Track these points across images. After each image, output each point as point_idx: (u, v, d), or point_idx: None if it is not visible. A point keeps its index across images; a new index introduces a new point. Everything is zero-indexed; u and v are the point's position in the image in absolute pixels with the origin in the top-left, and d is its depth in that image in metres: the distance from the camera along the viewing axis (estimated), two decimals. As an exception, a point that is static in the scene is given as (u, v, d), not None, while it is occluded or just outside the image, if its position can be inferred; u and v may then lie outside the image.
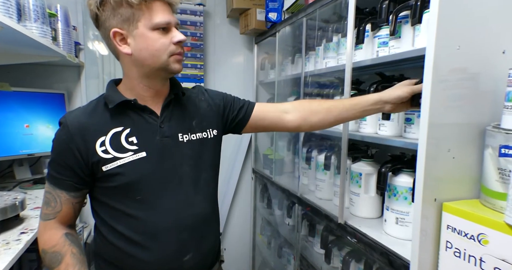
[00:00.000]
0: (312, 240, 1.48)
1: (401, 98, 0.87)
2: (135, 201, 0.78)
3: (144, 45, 0.76)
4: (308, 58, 1.49)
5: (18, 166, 1.62)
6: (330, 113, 0.93)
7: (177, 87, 0.88)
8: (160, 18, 0.75)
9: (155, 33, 0.76)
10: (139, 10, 0.74)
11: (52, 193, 0.79)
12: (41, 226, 0.80)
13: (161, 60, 0.77)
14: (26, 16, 1.15)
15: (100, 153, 0.76)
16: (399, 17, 0.95)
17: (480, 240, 0.66)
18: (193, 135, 0.86)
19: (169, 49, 0.77)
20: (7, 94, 1.51)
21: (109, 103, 0.79)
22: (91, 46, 2.03)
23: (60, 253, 0.76)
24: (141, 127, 0.81)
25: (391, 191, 0.97)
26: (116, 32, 0.76)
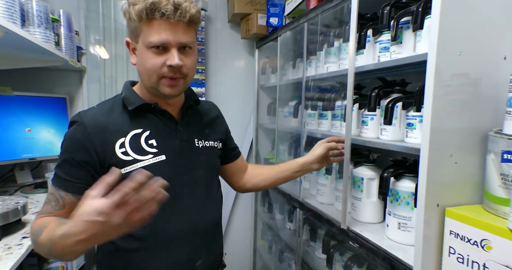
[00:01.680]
0: (314, 245, 1.47)
1: (321, 155, 1.05)
2: None
3: (140, 60, 0.76)
4: (309, 63, 1.49)
5: (19, 170, 1.62)
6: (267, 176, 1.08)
7: (192, 95, 0.90)
8: (154, 37, 0.71)
9: (149, 52, 0.73)
10: (140, 26, 0.73)
11: (55, 194, 0.74)
12: (34, 221, 0.73)
13: (152, 80, 0.75)
14: (29, 21, 1.16)
15: (119, 154, 0.74)
16: (401, 23, 0.95)
17: (484, 246, 0.66)
18: (207, 142, 0.89)
19: (160, 71, 0.73)
20: (9, 99, 1.51)
21: (128, 105, 0.78)
22: (93, 50, 2.04)
23: (44, 224, 0.66)
24: (160, 130, 0.80)
25: (393, 196, 0.97)
26: (128, 42, 0.79)
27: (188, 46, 0.76)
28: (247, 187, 1.10)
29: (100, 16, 2.06)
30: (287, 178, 1.09)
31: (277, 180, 1.09)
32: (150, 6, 0.70)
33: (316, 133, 1.40)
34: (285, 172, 1.07)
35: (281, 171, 1.08)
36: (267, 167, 1.13)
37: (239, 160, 1.08)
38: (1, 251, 0.88)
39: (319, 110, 1.41)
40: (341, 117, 1.23)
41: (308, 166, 1.06)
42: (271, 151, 2.15)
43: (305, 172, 1.09)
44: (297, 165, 1.06)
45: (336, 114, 1.29)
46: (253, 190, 1.13)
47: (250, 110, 2.24)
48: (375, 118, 1.08)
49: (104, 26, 2.08)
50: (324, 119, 1.38)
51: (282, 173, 1.08)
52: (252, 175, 1.10)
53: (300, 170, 1.07)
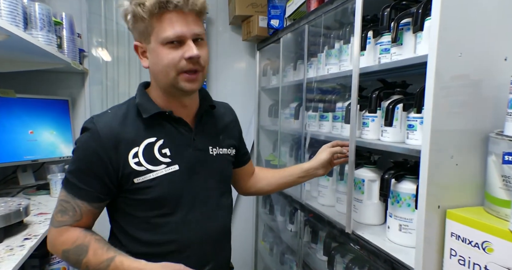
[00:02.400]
0: (315, 247, 1.47)
1: (326, 161, 1.03)
2: (163, 215, 0.77)
3: (155, 60, 0.73)
4: (311, 64, 1.50)
5: (22, 172, 1.63)
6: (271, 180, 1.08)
7: (207, 99, 0.87)
8: (169, 32, 0.69)
9: (165, 48, 0.71)
10: (151, 24, 0.71)
11: (71, 202, 0.73)
12: (54, 232, 0.75)
13: (170, 77, 0.72)
14: (32, 24, 1.17)
15: (133, 164, 0.73)
16: (401, 25, 0.96)
17: (485, 248, 0.66)
18: (221, 149, 0.87)
19: (178, 65, 0.71)
20: (12, 101, 1.52)
21: (143, 112, 0.76)
22: (95, 53, 2.05)
23: (83, 243, 0.72)
24: (174, 138, 0.78)
25: (394, 197, 0.97)
26: (137, 46, 0.77)
27: (200, 38, 0.74)
28: (251, 191, 1.09)
29: (102, 19, 2.07)
30: (291, 183, 1.08)
31: (281, 184, 1.08)
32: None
33: (317, 135, 1.40)
34: (289, 177, 1.06)
35: (285, 176, 1.06)
36: (272, 171, 1.11)
37: (248, 165, 1.06)
38: (3, 253, 0.89)
39: (320, 112, 1.41)
40: (342, 119, 1.23)
41: (312, 172, 1.05)
42: (272, 152, 2.15)
43: (309, 177, 1.07)
44: (301, 170, 1.05)
45: (337, 116, 1.29)
46: (257, 194, 1.13)
47: (251, 112, 2.24)
48: (376, 120, 1.08)
49: (106, 28, 2.09)
50: (325, 121, 1.38)
51: (286, 178, 1.06)
52: (257, 179, 1.08)
53: (304, 175, 1.05)
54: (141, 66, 2.19)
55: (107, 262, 0.69)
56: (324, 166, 1.04)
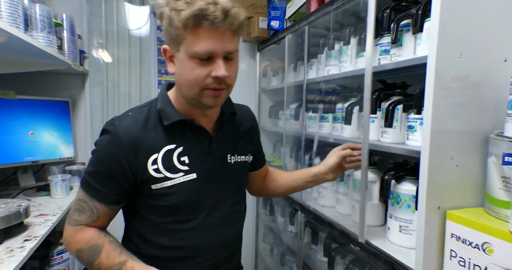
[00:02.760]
0: (315, 248, 1.47)
1: (335, 165, 0.99)
2: (179, 221, 0.77)
3: (180, 71, 0.71)
4: (311, 65, 1.50)
5: (22, 173, 1.63)
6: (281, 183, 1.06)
7: (229, 107, 0.85)
8: (199, 47, 0.66)
9: (193, 62, 0.67)
10: (183, 34, 0.66)
11: (89, 203, 0.74)
12: (70, 231, 0.76)
13: (194, 91, 0.70)
14: (33, 26, 1.17)
15: (151, 171, 0.73)
16: (401, 26, 0.96)
17: (485, 249, 0.65)
18: (239, 157, 0.87)
19: (203, 82, 0.69)
20: (13, 102, 1.53)
21: (164, 119, 0.75)
22: (96, 54, 2.06)
23: (97, 244, 0.72)
24: (193, 146, 0.78)
25: (394, 198, 0.97)
26: (166, 50, 0.73)
27: (233, 56, 0.71)
28: (262, 193, 1.09)
29: (103, 20, 2.08)
30: (299, 187, 1.05)
31: (290, 188, 1.05)
32: (198, 13, 0.63)
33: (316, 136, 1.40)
34: (297, 181, 1.03)
35: (294, 179, 1.04)
36: (283, 174, 1.09)
37: (263, 168, 1.05)
38: (3, 254, 0.89)
39: (320, 113, 1.41)
40: (342, 120, 1.23)
41: (321, 176, 1.00)
42: (272, 153, 2.15)
43: (318, 182, 1.03)
44: (310, 174, 1.01)
45: (337, 117, 1.29)
46: (267, 196, 1.14)
47: (252, 113, 2.24)
48: (376, 121, 1.08)
49: (107, 29, 2.10)
50: (325, 122, 1.38)
51: (295, 181, 1.03)
52: (268, 181, 1.07)
53: (313, 180, 1.01)
54: (141, 67, 2.21)
55: (118, 265, 0.70)
56: (333, 171, 0.99)
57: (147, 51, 2.21)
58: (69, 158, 1.80)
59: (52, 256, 1.43)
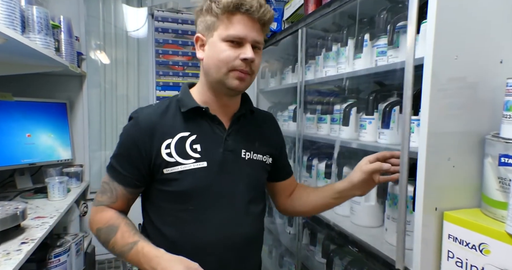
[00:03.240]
0: (314, 249, 1.46)
1: (361, 182, 0.84)
2: (187, 211, 0.79)
3: (211, 53, 0.77)
4: (309, 67, 1.50)
5: (19, 175, 1.63)
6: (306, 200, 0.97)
7: (247, 103, 0.89)
8: (233, 31, 0.74)
9: (224, 44, 0.75)
10: (220, 20, 0.75)
11: (110, 184, 0.80)
12: (93, 210, 0.82)
13: (221, 72, 0.76)
14: (30, 28, 1.17)
15: (164, 155, 0.77)
16: (397, 27, 0.96)
17: (482, 250, 0.66)
18: (255, 155, 0.86)
19: (232, 63, 0.75)
20: (10, 104, 1.52)
21: (181, 107, 0.81)
22: (93, 55, 2.05)
23: (114, 225, 0.77)
24: (207, 136, 0.81)
25: (392, 199, 0.97)
26: (198, 38, 0.81)
27: (258, 47, 0.78)
28: (288, 211, 1.02)
29: (101, 22, 2.08)
30: (326, 205, 0.94)
31: (317, 206, 0.95)
32: (239, 1, 0.73)
33: (315, 138, 1.40)
34: (323, 199, 0.93)
35: (319, 197, 0.94)
36: (308, 190, 0.99)
37: (288, 181, 1.00)
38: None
39: (318, 114, 1.41)
40: (340, 121, 1.24)
41: (347, 193, 0.89)
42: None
43: (346, 198, 0.92)
44: (334, 191, 0.90)
45: (335, 118, 1.29)
46: (293, 215, 1.06)
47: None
48: (373, 122, 1.08)
49: (105, 31, 2.10)
50: (323, 123, 1.38)
51: (320, 199, 0.93)
52: (293, 198, 1.00)
53: (339, 196, 0.90)
54: (139, 68, 2.21)
55: (130, 245, 0.73)
56: (360, 187, 0.86)
57: (145, 53, 2.21)
58: (66, 160, 1.79)
59: (49, 258, 1.42)
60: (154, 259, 0.70)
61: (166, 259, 0.69)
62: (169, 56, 2.14)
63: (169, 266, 0.67)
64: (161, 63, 2.12)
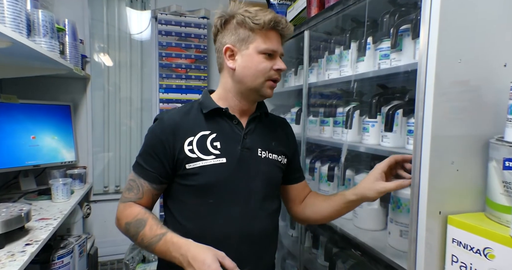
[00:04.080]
0: (316, 252, 1.46)
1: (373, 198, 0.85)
2: (207, 204, 0.84)
3: (249, 64, 0.85)
4: (311, 70, 1.50)
5: (23, 177, 1.64)
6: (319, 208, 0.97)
7: (263, 107, 0.97)
8: (269, 45, 0.84)
9: (260, 56, 0.84)
10: (256, 34, 0.84)
11: (136, 181, 0.86)
12: (120, 206, 0.86)
13: (258, 81, 0.85)
14: (35, 31, 1.18)
15: (187, 151, 0.83)
16: (400, 31, 0.96)
17: (486, 254, 0.65)
18: (270, 154, 0.92)
19: (268, 73, 0.85)
20: (15, 107, 1.54)
21: (203, 108, 0.88)
22: (97, 58, 2.07)
23: (143, 218, 0.82)
24: (226, 134, 0.87)
25: (395, 203, 0.97)
26: (228, 48, 0.86)
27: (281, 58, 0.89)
28: (300, 218, 1.02)
29: (105, 25, 2.09)
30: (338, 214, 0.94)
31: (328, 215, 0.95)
32: (275, 19, 0.84)
33: (319, 140, 1.40)
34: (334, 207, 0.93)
35: (331, 206, 0.93)
36: (320, 198, 0.99)
37: (301, 186, 1.02)
38: (4, 258, 0.89)
39: (320, 117, 1.41)
40: (343, 124, 1.24)
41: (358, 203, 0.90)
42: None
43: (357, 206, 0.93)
44: (345, 201, 0.90)
45: (337, 121, 1.29)
46: (305, 222, 1.09)
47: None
48: (376, 125, 1.08)
49: (108, 34, 2.11)
50: (326, 126, 1.38)
51: (332, 208, 0.93)
52: (305, 206, 1.00)
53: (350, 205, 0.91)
54: (142, 71, 2.22)
55: (159, 236, 0.78)
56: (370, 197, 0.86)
57: (148, 55, 2.23)
58: (70, 162, 1.80)
59: (52, 260, 1.42)
60: (183, 246, 0.74)
61: (195, 246, 0.74)
62: (172, 59, 2.15)
63: (198, 253, 0.72)
64: (164, 66, 2.14)
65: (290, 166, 1.00)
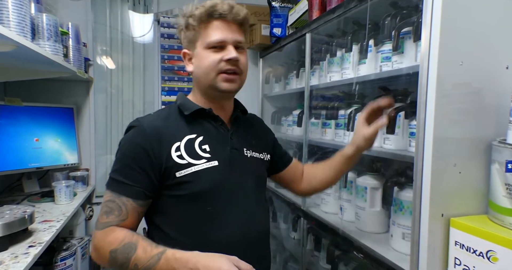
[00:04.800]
0: (318, 255, 1.46)
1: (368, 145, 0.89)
2: (205, 212, 0.77)
3: (199, 63, 0.80)
4: (313, 72, 1.51)
5: (27, 179, 1.64)
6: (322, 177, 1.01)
7: (239, 106, 0.93)
8: (213, 37, 0.78)
9: (208, 52, 0.79)
10: (198, 32, 0.80)
11: (116, 201, 0.74)
12: (99, 234, 0.74)
13: (210, 77, 0.79)
14: (39, 34, 1.19)
15: (175, 157, 0.77)
16: (402, 33, 0.97)
17: (489, 257, 0.65)
18: (254, 153, 0.90)
19: (218, 66, 0.78)
20: (19, 109, 1.55)
21: (184, 110, 0.82)
22: (100, 61, 2.08)
23: (131, 242, 0.71)
24: (213, 136, 0.83)
25: (397, 205, 0.97)
26: (185, 53, 0.85)
27: (242, 47, 0.81)
28: (307, 192, 1.07)
29: (107, 28, 2.11)
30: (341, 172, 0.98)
31: (333, 177, 0.99)
32: (210, 9, 0.77)
33: (320, 143, 1.40)
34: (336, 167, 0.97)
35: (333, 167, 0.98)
36: (320, 167, 1.03)
37: (293, 166, 1.03)
38: (8, 260, 0.89)
39: (322, 119, 1.41)
40: (345, 126, 1.24)
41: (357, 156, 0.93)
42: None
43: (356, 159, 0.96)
44: (345, 158, 0.94)
45: (339, 123, 1.29)
46: (314, 193, 1.11)
47: (254, 119, 2.25)
48: (378, 127, 1.08)
49: (111, 37, 2.13)
50: (328, 128, 1.38)
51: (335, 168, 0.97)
52: (308, 180, 1.04)
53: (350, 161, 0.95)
54: (144, 73, 2.23)
55: (158, 255, 0.69)
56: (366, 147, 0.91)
57: (150, 58, 2.24)
58: (73, 164, 1.81)
59: (55, 262, 1.43)
60: (191, 260, 0.66)
61: (204, 257, 0.67)
62: (175, 61, 2.16)
63: (210, 262, 0.65)
64: (167, 69, 2.15)
65: (275, 156, 0.99)
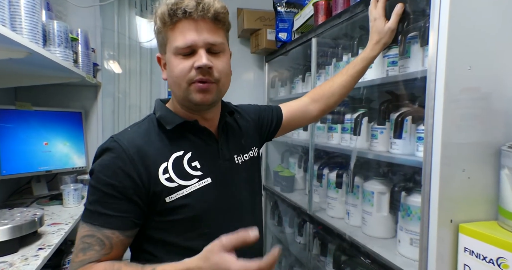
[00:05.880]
0: (324, 260, 1.45)
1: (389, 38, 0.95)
2: (202, 234, 0.68)
3: (169, 71, 0.70)
4: (319, 76, 1.51)
5: (36, 182, 1.67)
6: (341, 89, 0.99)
7: (226, 108, 0.82)
8: (179, 41, 0.65)
9: (176, 58, 0.67)
10: (166, 34, 0.68)
11: (97, 235, 0.63)
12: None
13: (182, 88, 0.68)
14: (50, 41, 1.22)
15: (163, 181, 0.67)
16: (408, 38, 0.97)
17: (500, 264, 0.64)
18: (245, 155, 0.82)
19: (188, 76, 0.66)
20: (29, 113, 1.58)
21: (166, 124, 0.71)
22: (107, 66, 2.12)
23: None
24: (202, 150, 0.73)
25: (405, 210, 0.96)
26: (158, 58, 0.75)
27: (217, 49, 0.68)
28: (319, 116, 1.03)
29: (115, 34, 2.14)
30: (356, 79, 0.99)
31: (348, 86, 0.99)
32: (172, 7, 0.64)
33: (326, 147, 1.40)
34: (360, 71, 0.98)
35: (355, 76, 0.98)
36: (325, 88, 1.01)
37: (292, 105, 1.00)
38: (18, 262, 0.90)
39: (328, 124, 1.42)
40: (351, 130, 1.24)
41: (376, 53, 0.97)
42: (280, 163, 2.15)
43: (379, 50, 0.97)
44: (368, 61, 0.96)
45: (345, 128, 1.29)
46: (331, 109, 1.06)
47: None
48: (385, 132, 1.08)
49: (119, 42, 2.16)
50: (334, 132, 1.38)
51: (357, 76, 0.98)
52: (314, 106, 1.00)
53: (366, 63, 0.97)
54: (151, 78, 2.25)
55: None
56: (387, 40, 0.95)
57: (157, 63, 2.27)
58: (81, 168, 1.83)
59: (63, 264, 1.44)
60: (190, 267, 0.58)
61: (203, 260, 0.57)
62: (181, 66, 2.19)
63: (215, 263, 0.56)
64: (173, 73, 2.17)
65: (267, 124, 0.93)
